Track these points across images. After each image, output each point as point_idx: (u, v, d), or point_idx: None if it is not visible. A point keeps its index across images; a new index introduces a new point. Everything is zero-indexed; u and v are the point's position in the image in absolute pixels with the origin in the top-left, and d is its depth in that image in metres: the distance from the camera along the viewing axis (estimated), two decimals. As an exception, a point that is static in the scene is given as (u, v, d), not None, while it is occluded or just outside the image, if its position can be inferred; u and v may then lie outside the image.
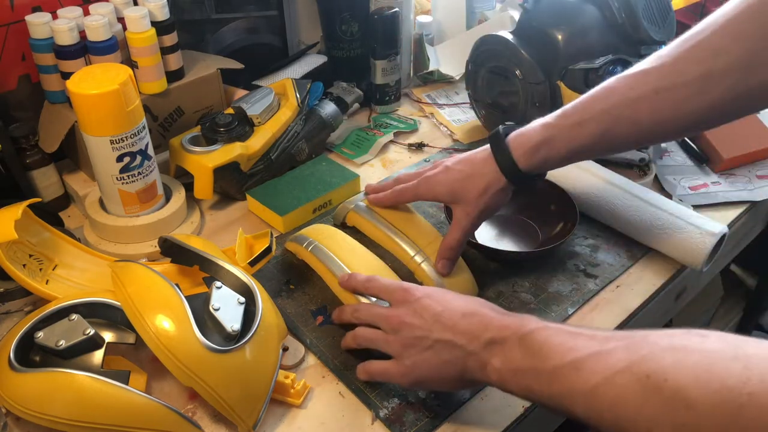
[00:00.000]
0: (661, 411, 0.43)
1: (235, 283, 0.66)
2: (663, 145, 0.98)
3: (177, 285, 0.62)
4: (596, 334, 0.50)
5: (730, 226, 0.86)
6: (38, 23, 0.82)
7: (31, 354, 0.61)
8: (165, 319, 0.58)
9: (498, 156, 0.70)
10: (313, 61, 1.12)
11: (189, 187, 0.89)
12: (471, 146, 1.05)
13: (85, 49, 0.84)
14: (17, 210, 0.70)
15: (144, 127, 0.79)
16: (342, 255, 0.74)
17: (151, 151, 0.81)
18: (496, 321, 0.56)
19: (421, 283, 0.74)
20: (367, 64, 1.10)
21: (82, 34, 0.84)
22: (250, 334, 0.60)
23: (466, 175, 0.72)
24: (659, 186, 0.94)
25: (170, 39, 0.90)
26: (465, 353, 0.56)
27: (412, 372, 0.59)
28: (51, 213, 0.79)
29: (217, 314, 0.61)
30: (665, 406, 0.42)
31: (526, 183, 0.71)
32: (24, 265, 0.71)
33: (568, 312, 0.74)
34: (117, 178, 0.79)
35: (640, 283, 0.79)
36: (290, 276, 0.80)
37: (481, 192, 0.71)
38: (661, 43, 0.90)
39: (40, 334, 0.60)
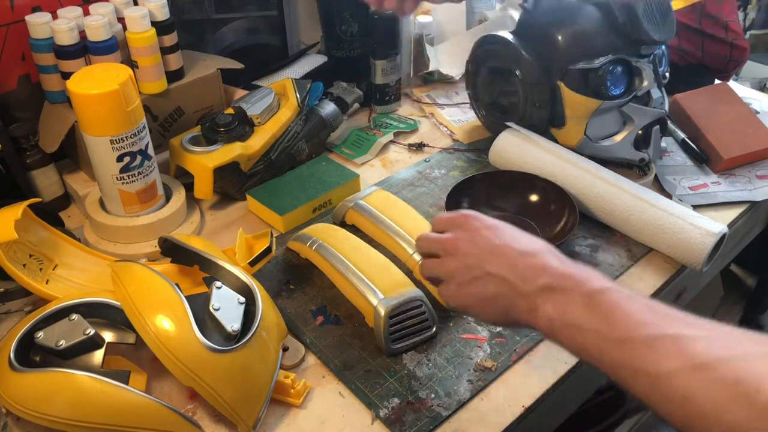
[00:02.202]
0: (748, 423, 0.39)
1: (235, 283, 0.66)
2: (663, 144, 0.98)
3: (177, 285, 0.62)
4: (676, 314, 0.46)
5: (730, 226, 0.86)
6: (38, 23, 0.82)
7: (31, 354, 0.61)
8: (165, 319, 0.58)
9: None
10: (313, 61, 1.12)
11: (189, 187, 0.89)
12: (471, 146, 1.05)
13: (85, 49, 0.84)
14: (17, 210, 0.70)
15: (144, 127, 0.79)
16: (347, 253, 0.74)
17: (151, 151, 0.81)
18: (557, 268, 0.52)
19: (420, 282, 0.74)
20: (367, 64, 1.10)
21: (82, 34, 0.84)
22: (250, 334, 0.60)
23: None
24: (659, 186, 0.94)
25: (170, 39, 0.90)
26: (515, 292, 0.52)
27: (458, 297, 0.57)
28: (51, 213, 0.79)
29: (217, 314, 0.61)
30: (755, 420, 0.39)
31: None
32: (24, 265, 0.71)
33: (568, 312, 0.74)
34: (117, 178, 0.79)
35: (640, 283, 0.79)
36: (290, 276, 0.80)
37: None
38: (661, 43, 0.90)
39: (40, 334, 0.60)
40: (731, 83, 1.14)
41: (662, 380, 0.43)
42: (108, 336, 0.63)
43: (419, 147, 1.05)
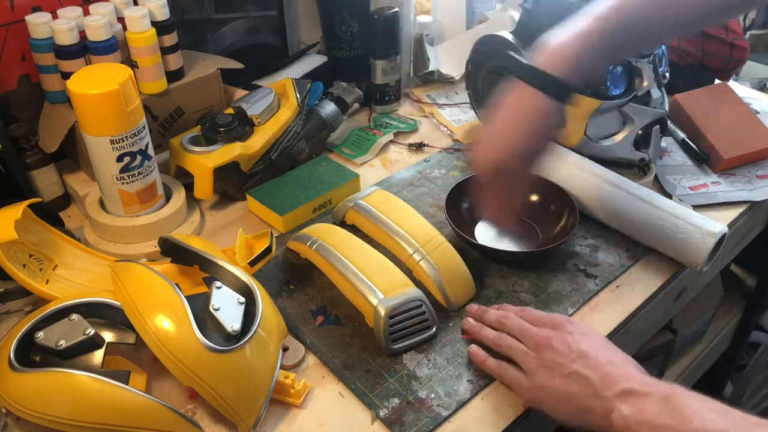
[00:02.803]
0: None
1: (235, 283, 0.66)
2: (663, 144, 0.98)
3: (177, 285, 0.62)
4: (748, 417, 0.49)
5: (730, 226, 0.86)
6: (38, 23, 0.82)
7: (31, 354, 0.61)
8: (165, 319, 0.58)
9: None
10: (313, 61, 1.12)
11: (189, 187, 0.89)
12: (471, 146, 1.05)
13: (85, 49, 0.84)
14: (17, 210, 0.70)
15: (144, 127, 0.79)
16: (347, 253, 0.74)
17: (151, 151, 0.81)
18: (640, 378, 0.56)
19: (420, 282, 0.75)
20: (367, 64, 1.10)
21: (82, 34, 0.84)
22: (250, 334, 0.60)
23: None
24: (659, 186, 0.94)
25: (170, 39, 0.90)
26: (594, 394, 0.56)
27: (538, 391, 0.60)
28: (51, 213, 0.79)
29: (217, 314, 0.61)
30: None
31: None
32: (24, 265, 0.71)
33: (568, 312, 0.74)
34: (117, 178, 0.79)
35: (640, 283, 0.79)
36: (290, 276, 0.80)
37: None
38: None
39: (40, 334, 0.60)
40: (731, 83, 1.14)
41: None
42: (108, 336, 0.64)
43: (419, 147, 1.05)
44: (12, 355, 0.58)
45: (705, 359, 1.40)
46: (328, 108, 1.00)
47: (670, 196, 0.90)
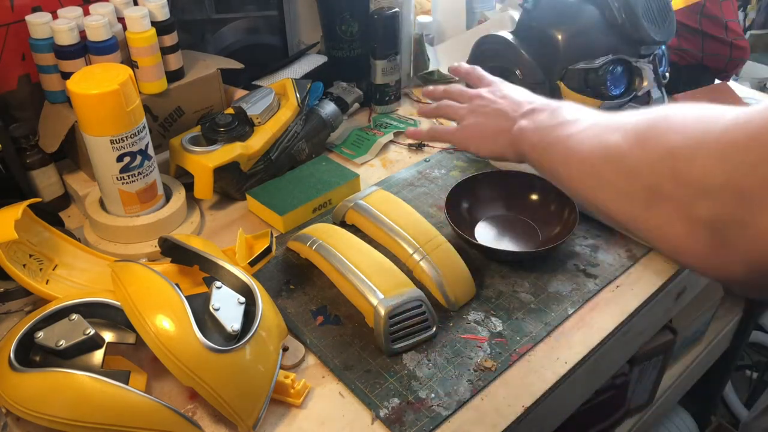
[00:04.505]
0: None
1: (235, 283, 0.66)
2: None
3: (177, 285, 0.62)
4: (609, 115, 0.55)
5: (730, 226, 0.85)
6: (38, 23, 0.82)
7: (31, 354, 0.61)
8: (165, 319, 0.58)
9: None
10: (313, 61, 1.12)
11: (189, 187, 0.89)
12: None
13: (85, 49, 0.84)
14: (17, 210, 0.70)
15: (144, 127, 0.79)
16: (347, 253, 0.74)
17: (151, 151, 0.81)
18: (542, 101, 0.65)
19: (420, 282, 0.75)
20: (367, 64, 1.10)
21: (82, 34, 0.84)
22: (250, 334, 0.60)
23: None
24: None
25: (170, 39, 0.90)
26: (506, 118, 0.66)
27: (464, 131, 0.70)
28: (51, 213, 0.79)
29: (217, 314, 0.61)
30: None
31: None
32: (24, 265, 0.71)
33: (568, 312, 0.74)
34: (117, 178, 0.79)
35: (640, 283, 0.79)
36: (290, 276, 0.80)
37: None
38: (661, 43, 0.90)
39: (40, 334, 0.60)
40: (731, 83, 1.14)
41: (567, 142, 0.55)
42: (108, 336, 0.63)
43: (419, 147, 1.05)
44: (12, 355, 0.58)
45: (705, 359, 1.40)
46: (328, 108, 1.00)
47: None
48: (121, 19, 0.87)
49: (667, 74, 0.95)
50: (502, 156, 0.67)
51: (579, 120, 0.56)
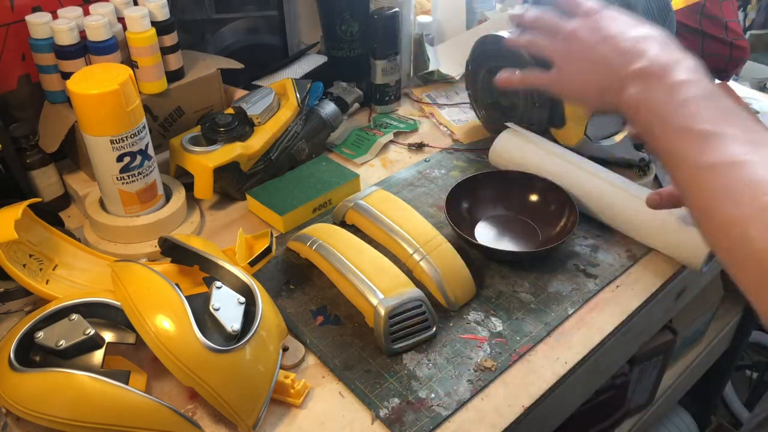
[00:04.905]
0: (745, 217, 0.43)
1: (235, 283, 0.66)
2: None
3: (177, 285, 0.62)
4: (739, 115, 0.48)
5: (730, 226, 0.85)
6: (38, 23, 0.82)
7: (31, 354, 0.61)
8: (165, 319, 0.58)
9: None
10: (313, 61, 1.12)
11: (189, 187, 0.89)
12: (471, 146, 1.05)
13: (85, 49, 0.84)
14: (17, 210, 0.70)
15: (144, 127, 0.79)
16: (347, 253, 0.74)
17: (151, 151, 0.81)
18: (657, 54, 0.54)
19: (420, 282, 0.75)
20: (367, 64, 1.10)
21: (82, 34, 0.84)
22: (250, 334, 0.60)
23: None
24: (659, 186, 0.94)
25: (170, 39, 0.90)
26: (613, 72, 0.55)
27: (563, 80, 0.61)
28: (51, 213, 0.79)
29: (217, 314, 0.61)
30: (752, 217, 0.42)
31: None
32: (24, 265, 0.71)
33: (568, 312, 0.74)
34: (117, 178, 0.79)
35: (640, 283, 0.79)
36: (290, 276, 0.80)
37: None
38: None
39: (40, 334, 0.60)
40: (731, 83, 1.14)
41: (697, 172, 0.46)
42: (108, 336, 0.64)
43: (419, 147, 1.05)
44: (12, 355, 0.58)
45: (705, 359, 1.40)
46: (328, 108, 1.00)
47: (670, 196, 0.90)
48: (121, 19, 0.87)
49: (667, 74, 0.95)
50: (611, 113, 0.61)
51: (715, 135, 0.46)
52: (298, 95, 0.96)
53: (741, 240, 0.43)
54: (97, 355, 0.61)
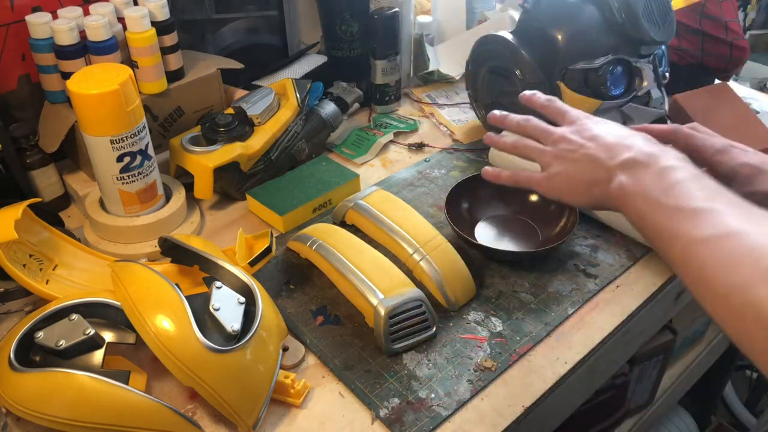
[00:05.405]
0: (748, 283, 0.43)
1: (235, 283, 0.66)
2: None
3: (177, 285, 0.62)
4: (728, 195, 0.49)
5: (730, 226, 0.85)
6: (38, 23, 0.82)
7: (31, 354, 0.61)
8: (165, 319, 0.58)
9: None
10: (313, 61, 1.12)
11: (189, 187, 0.89)
12: (471, 146, 1.05)
13: (85, 49, 0.84)
14: (17, 210, 0.70)
15: (144, 127, 0.79)
16: (347, 253, 0.74)
17: (151, 151, 0.81)
18: (645, 148, 0.56)
19: (420, 282, 0.75)
20: (367, 64, 1.10)
21: (82, 34, 0.84)
22: (250, 334, 0.60)
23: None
24: (659, 186, 0.94)
25: (170, 39, 0.90)
26: (600, 166, 0.57)
27: (552, 180, 0.61)
28: (51, 213, 0.79)
29: (217, 314, 0.61)
30: (758, 281, 0.43)
31: None
32: (24, 265, 0.71)
33: (568, 312, 0.74)
34: (117, 178, 0.79)
35: (640, 283, 0.79)
36: (290, 276, 0.80)
37: None
38: (661, 43, 0.90)
39: (40, 334, 0.60)
40: (731, 83, 1.14)
41: (692, 246, 0.47)
42: (108, 336, 0.63)
43: (419, 147, 1.05)
44: (12, 355, 0.58)
45: (705, 359, 1.40)
46: (328, 108, 1.00)
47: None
48: (121, 19, 0.87)
49: (667, 74, 0.95)
50: (599, 208, 0.61)
51: (706, 211, 0.47)
52: (298, 95, 0.96)
53: (745, 306, 0.43)
54: (97, 355, 0.61)
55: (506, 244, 0.84)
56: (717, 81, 1.14)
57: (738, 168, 0.65)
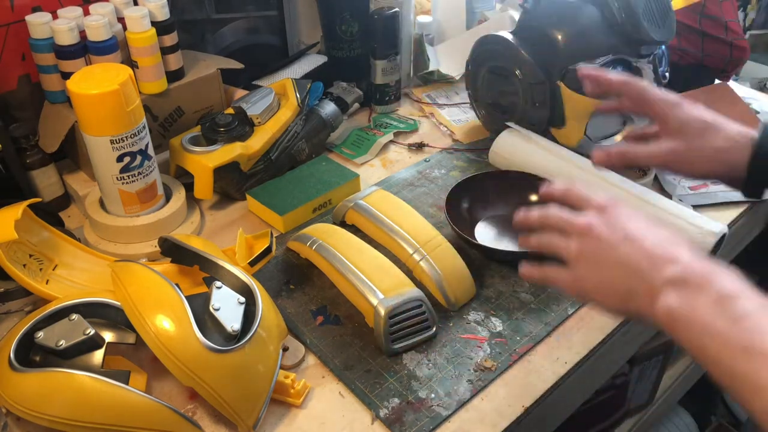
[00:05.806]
0: None
1: (235, 283, 0.66)
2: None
3: (177, 285, 0.62)
4: None
5: (730, 225, 0.86)
6: (38, 23, 0.82)
7: (31, 354, 0.61)
8: (165, 319, 0.58)
9: None
10: (313, 61, 1.12)
11: (189, 187, 0.89)
12: (471, 146, 1.05)
13: (85, 49, 0.84)
14: (17, 210, 0.70)
15: (144, 127, 0.79)
16: (347, 253, 0.74)
17: (151, 151, 0.81)
18: (694, 264, 0.49)
19: (420, 282, 0.75)
20: (367, 64, 1.10)
21: (82, 34, 0.84)
22: (250, 334, 0.60)
23: None
24: (659, 186, 0.94)
25: (170, 39, 0.90)
26: (641, 277, 0.50)
27: (580, 283, 0.55)
28: (51, 213, 0.79)
29: (217, 314, 0.61)
30: None
31: None
32: (24, 265, 0.71)
33: (568, 312, 0.74)
34: (117, 178, 0.79)
35: (640, 283, 0.79)
36: (290, 276, 0.80)
37: None
38: (661, 43, 0.90)
39: (40, 334, 0.60)
40: (731, 83, 1.14)
41: None
42: (108, 336, 0.64)
43: (419, 147, 1.05)
44: (12, 355, 0.58)
45: (705, 359, 1.39)
46: (328, 108, 1.00)
47: (670, 196, 0.90)
48: (121, 19, 0.87)
49: (667, 74, 0.95)
50: (637, 321, 0.55)
51: None
52: (298, 95, 0.96)
53: None
54: (97, 355, 0.61)
55: (506, 244, 0.84)
56: (717, 81, 1.14)
57: (690, 121, 0.64)
